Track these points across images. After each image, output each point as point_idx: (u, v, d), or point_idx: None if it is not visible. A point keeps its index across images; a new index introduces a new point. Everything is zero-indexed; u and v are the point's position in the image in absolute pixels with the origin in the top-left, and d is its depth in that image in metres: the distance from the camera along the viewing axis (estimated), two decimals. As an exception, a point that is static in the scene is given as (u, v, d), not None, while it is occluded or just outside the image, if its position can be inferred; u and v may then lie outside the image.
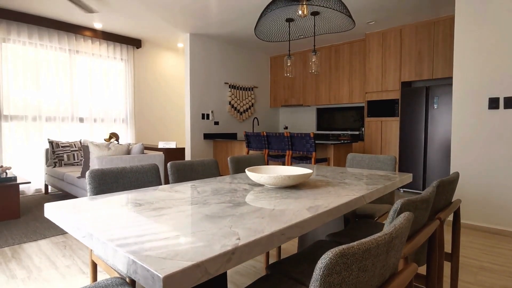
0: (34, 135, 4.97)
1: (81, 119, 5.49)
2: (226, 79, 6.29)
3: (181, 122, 7.13)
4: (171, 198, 1.35)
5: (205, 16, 4.76)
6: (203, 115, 5.85)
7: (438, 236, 1.27)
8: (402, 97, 4.99)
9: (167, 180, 4.59)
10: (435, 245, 1.25)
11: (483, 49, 3.16)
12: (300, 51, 6.76)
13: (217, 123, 6.13)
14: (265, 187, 1.59)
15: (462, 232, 3.21)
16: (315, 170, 2.30)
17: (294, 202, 1.28)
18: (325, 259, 0.55)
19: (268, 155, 4.57)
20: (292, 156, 4.26)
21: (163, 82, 6.75)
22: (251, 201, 1.29)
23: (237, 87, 6.47)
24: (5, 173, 3.63)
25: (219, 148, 5.96)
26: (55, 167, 4.55)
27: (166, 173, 4.49)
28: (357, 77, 5.87)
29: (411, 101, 4.88)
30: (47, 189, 4.86)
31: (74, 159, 4.74)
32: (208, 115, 5.94)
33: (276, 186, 1.57)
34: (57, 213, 1.12)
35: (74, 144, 4.84)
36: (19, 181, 3.63)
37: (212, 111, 6.01)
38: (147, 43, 6.38)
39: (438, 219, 1.27)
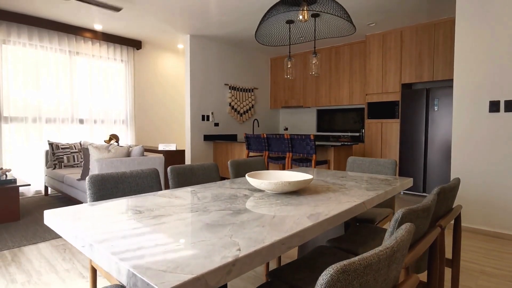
0: (34, 137, 4.97)
1: (81, 121, 5.49)
2: (226, 80, 6.28)
3: (181, 123, 7.13)
4: (171, 204, 1.35)
5: (205, 17, 4.75)
6: (203, 116, 5.85)
7: (439, 243, 1.27)
8: (402, 99, 4.99)
9: (167, 183, 4.59)
10: (436, 253, 1.25)
11: (483, 52, 3.15)
12: (300, 52, 6.75)
13: (217, 125, 6.13)
14: (265, 193, 1.59)
15: (462, 235, 3.20)
16: (315, 174, 2.30)
17: (294, 209, 1.28)
18: (326, 276, 0.55)
19: (268, 157, 4.57)
20: (292, 158, 4.26)
21: (163, 83, 6.75)
22: (252, 208, 1.28)
23: (237, 88, 6.46)
24: (5, 175, 3.62)
25: (219, 149, 5.95)
26: (55, 168, 4.55)
27: (166, 176, 4.49)
28: (357, 78, 5.86)
29: (411, 103, 4.88)
30: (47, 190, 4.86)
31: (74, 161, 4.74)
32: (208, 117, 5.94)
33: (276, 192, 1.56)
34: (56, 221, 1.11)
35: (74, 145, 4.83)
36: (19, 183, 3.63)
37: (212, 113, 6.00)
38: (147, 44, 6.38)
39: (439, 227, 1.26)
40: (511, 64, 3.00)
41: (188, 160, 5.70)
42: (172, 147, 3.87)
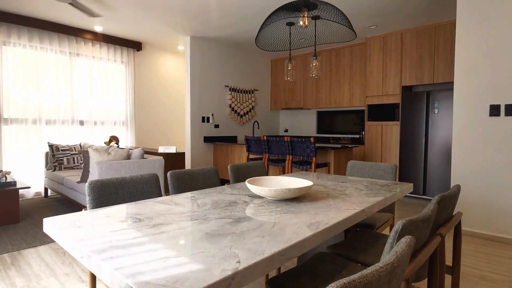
0: (34, 138, 4.97)
1: (81, 122, 5.49)
2: (226, 82, 6.28)
3: (181, 125, 7.12)
4: (171, 212, 1.34)
5: (205, 19, 4.75)
6: (203, 118, 5.84)
7: (439, 252, 1.26)
8: (402, 101, 4.99)
9: (167, 186, 4.58)
10: (436, 262, 1.25)
11: (484, 56, 3.15)
12: (300, 54, 6.75)
13: (217, 126, 6.13)
14: (265, 200, 1.59)
15: (462, 239, 3.20)
16: (315, 178, 2.29)
17: (294, 217, 1.27)
18: (326, 295, 0.54)
19: (268, 159, 4.56)
20: (292, 161, 4.25)
21: (163, 84, 6.74)
22: (251, 216, 1.28)
23: (237, 90, 6.46)
24: (4, 178, 3.62)
25: (219, 151, 5.95)
26: (54, 170, 4.55)
27: (166, 179, 4.48)
28: (357, 80, 5.86)
29: (411, 106, 4.88)
30: (46, 192, 4.85)
31: (74, 163, 4.73)
32: (208, 118, 5.93)
33: (276, 198, 1.56)
34: (56, 230, 1.11)
35: (74, 147, 4.83)
36: (19, 185, 3.62)
37: (212, 114, 6.00)
38: (147, 45, 6.37)
39: (439, 235, 1.26)
40: (512, 68, 3.00)
41: (188, 162, 5.70)
42: (172, 150, 3.87)
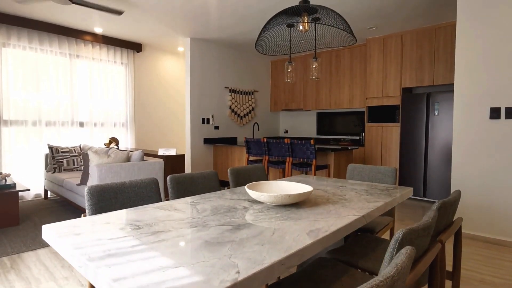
0: (34, 140, 4.96)
1: (81, 124, 5.48)
2: (226, 83, 6.28)
3: (181, 126, 7.12)
4: (170, 218, 1.34)
5: (205, 21, 4.75)
6: (203, 119, 5.84)
7: (439, 259, 1.26)
8: (402, 103, 4.98)
9: (167, 189, 4.58)
10: (437, 268, 1.24)
11: (484, 58, 3.14)
12: (300, 55, 6.75)
13: (217, 128, 6.12)
14: (265, 205, 1.58)
15: (463, 242, 3.19)
16: (315, 182, 2.29)
17: (294, 224, 1.27)
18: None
19: (268, 161, 4.56)
20: (292, 163, 4.25)
21: (163, 86, 6.74)
22: (251, 223, 1.28)
23: (237, 91, 6.46)
24: (4, 180, 3.62)
25: (219, 153, 5.95)
26: (54, 172, 4.54)
27: (166, 182, 4.48)
28: (357, 82, 5.85)
29: (412, 107, 4.87)
30: (46, 194, 4.85)
31: (74, 165, 4.73)
32: (208, 120, 5.93)
33: (276, 204, 1.56)
34: (54, 237, 1.11)
35: (74, 149, 4.83)
36: (18, 188, 3.62)
37: (212, 116, 6.00)
38: (147, 47, 6.37)
39: (439, 242, 1.26)
40: (512, 71, 3.00)
41: (188, 163, 5.70)
42: (172, 152, 3.87)
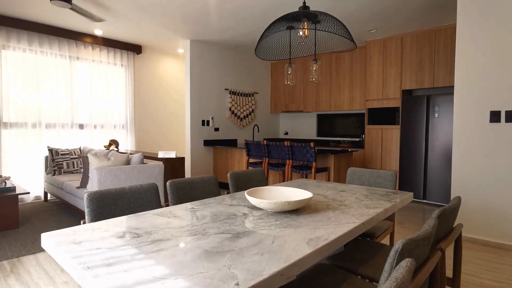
0: (33, 142, 4.96)
1: (81, 126, 5.48)
2: (226, 85, 6.28)
3: (181, 128, 7.12)
4: (170, 226, 1.34)
5: (205, 23, 4.75)
6: (203, 121, 5.84)
7: (440, 267, 1.26)
8: (403, 105, 4.98)
9: (166, 193, 4.57)
10: (437, 276, 1.24)
11: (484, 61, 3.14)
12: (300, 57, 6.73)
13: (217, 130, 6.12)
14: (264, 211, 1.58)
15: (463, 246, 3.19)
16: (315, 187, 2.29)
17: (293, 232, 1.27)
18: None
19: (268, 163, 4.56)
20: (292, 165, 4.25)
21: (163, 87, 6.74)
22: (251, 230, 1.27)
23: (237, 93, 6.46)
24: (4, 183, 3.62)
25: (219, 155, 5.94)
26: (54, 175, 4.54)
27: (165, 184, 4.47)
28: (357, 84, 5.85)
29: (412, 110, 4.87)
30: (46, 197, 4.85)
31: (73, 167, 4.73)
32: (208, 122, 5.93)
33: (275, 210, 1.55)
34: (53, 246, 1.10)
35: (73, 151, 4.82)
36: (18, 190, 3.62)
37: (212, 118, 6.00)
38: (147, 49, 6.37)
39: (439, 250, 1.25)
40: (512, 74, 3.00)
41: (188, 165, 5.69)
42: (171, 155, 3.87)
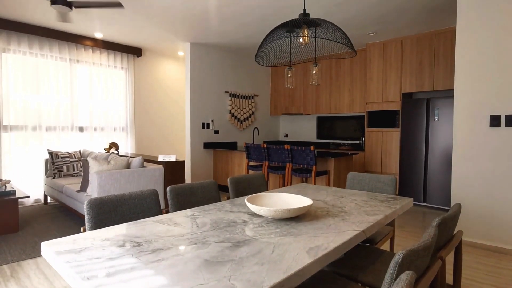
0: (33, 145, 4.96)
1: (81, 128, 5.49)
2: (226, 87, 6.28)
3: (181, 131, 7.12)
4: (170, 234, 1.34)
5: (205, 26, 4.76)
6: (203, 124, 5.84)
7: (440, 276, 1.26)
8: (403, 108, 4.98)
9: (166, 197, 4.57)
10: (437, 286, 1.24)
11: (484, 65, 3.15)
12: (300, 58, 6.74)
13: (217, 132, 6.12)
14: (264, 219, 1.58)
15: (463, 250, 3.19)
16: (315, 192, 2.29)
17: (294, 241, 1.27)
18: None
19: (268, 167, 4.56)
20: (292, 169, 4.25)
21: (163, 90, 6.75)
22: (251, 238, 1.27)
23: (237, 96, 6.46)
24: (4, 187, 3.62)
25: (219, 157, 5.94)
26: (54, 178, 4.54)
27: (165, 187, 4.47)
28: (357, 87, 5.86)
29: (412, 113, 4.87)
30: (46, 199, 4.85)
31: (73, 170, 4.73)
32: (208, 124, 5.93)
33: (276, 218, 1.55)
34: (53, 255, 1.10)
35: (73, 154, 4.83)
36: (18, 194, 3.62)
37: (212, 120, 6.00)
38: (147, 51, 6.38)
39: (439, 259, 1.25)
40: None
41: (188, 168, 5.69)
42: (171, 158, 3.87)
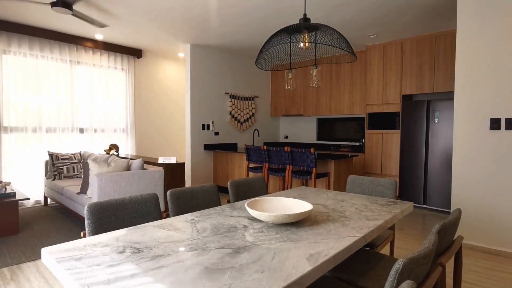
0: (34, 147, 4.96)
1: (81, 130, 5.49)
2: (226, 89, 6.28)
3: (181, 132, 7.12)
4: (170, 239, 1.34)
5: (205, 28, 4.76)
6: (203, 125, 5.84)
7: (440, 282, 1.26)
8: (403, 110, 4.98)
9: (166, 199, 4.56)
10: (437, 292, 1.24)
11: (484, 68, 3.15)
12: (300, 61, 6.75)
13: (217, 134, 6.12)
14: (265, 224, 1.58)
15: (463, 253, 3.19)
16: (315, 195, 2.29)
17: (294, 247, 1.27)
18: None
19: (268, 169, 4.56)
20: (292, 171, 4.25)
21: (164, 91, 6.75)
22: (251, 245, 1.27)
23: (237, 97, 6.46)
24: (4, 189, 3.62)
25: (220, 159, 5.94)
26: (54, 179, 4.54)
27: (166, 191, 4.47)
28: (358, 88, 5.86)
29: (412, 115, 4.87)
30: (46, 201, 4.85)
31: (74, 172, 4.73)
32: (208, 126, 5.93)
33: (276, 223, 1.55)
34: (53, 262, 1.10)
35: (74, 156, 4.83)
36: (18, 196, 3.62)
37: (212, 122, 6.00)
38: (147, 53, 6.38)
39: (440, 265, 1.25)
40: (512, 81, 3.00)
41: (188, 170, 5.69)
42: (171, 160, 3.87)
